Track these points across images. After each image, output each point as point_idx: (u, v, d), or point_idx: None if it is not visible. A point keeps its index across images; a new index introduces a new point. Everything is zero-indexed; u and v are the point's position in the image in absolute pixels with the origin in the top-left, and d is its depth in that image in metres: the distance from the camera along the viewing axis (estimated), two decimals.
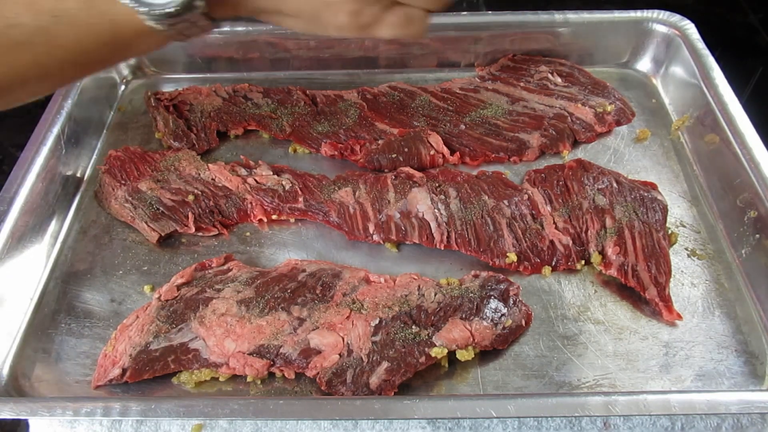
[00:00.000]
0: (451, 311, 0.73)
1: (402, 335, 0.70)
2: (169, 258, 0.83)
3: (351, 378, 0.68)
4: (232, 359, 0.69)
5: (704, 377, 0.70)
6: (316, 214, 0.86)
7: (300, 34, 1.04)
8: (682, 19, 1.04)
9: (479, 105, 1.01)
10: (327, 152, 0.94)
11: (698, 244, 0.84)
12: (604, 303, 0.77)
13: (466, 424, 0.68)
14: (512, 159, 0.95)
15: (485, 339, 0.71)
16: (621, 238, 0.80)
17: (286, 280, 0.76)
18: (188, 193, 0.87)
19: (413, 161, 0.92)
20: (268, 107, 1.01)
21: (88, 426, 0.68)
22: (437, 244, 0.81)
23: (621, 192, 0.85)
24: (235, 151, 0.97)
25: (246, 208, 0.87)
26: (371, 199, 0.85)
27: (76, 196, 0.91)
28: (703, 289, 0.79)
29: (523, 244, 0.81)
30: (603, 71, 1.08)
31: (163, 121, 0.98)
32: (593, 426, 0.68)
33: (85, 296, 0.79)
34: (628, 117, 1.00)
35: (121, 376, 0.69)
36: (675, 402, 0.62)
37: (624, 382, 0.70)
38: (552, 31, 1.07)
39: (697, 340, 0.74)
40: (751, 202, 0.82)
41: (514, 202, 0.85)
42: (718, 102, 0.92)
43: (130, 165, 0.91)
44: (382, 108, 1.01)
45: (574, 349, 0.73)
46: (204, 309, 0.74)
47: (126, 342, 0.71)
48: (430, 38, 1.08)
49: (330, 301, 0.74)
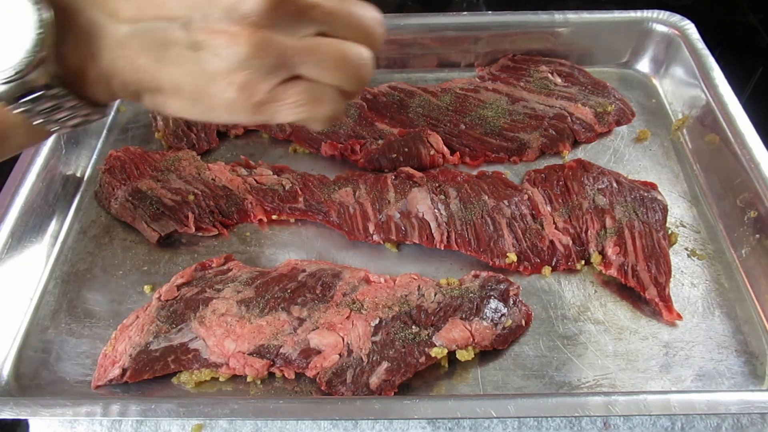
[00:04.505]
0: (451, 311, 0.73)
1: (402, 335, 0.70)
2: (169, 258, 0.83)
3: (351, 378, 0.68)
4: (232, 359, 0.69)
5: (704, 377, 0.70)
6: (316, 214, 0.86)
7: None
8: (682, 19, 1.04)
9: (479, 105, 1.01)
10: (327, 152, 0.94)
11: (698, 244, 0.84)
12: (604, 303, 0.77)
13: (466, 424, 0.68)
14: (512, 159, 0.95)
15: (485, 339, 0.71)
16: (621, 238, 0.80)
17: (286, 280, 0.76)
18: (188, 193, 0.87)
19: (413, 161, 0.92)
20: None
21: (88, 426, 0.68)
22: (437, 244, 0.81)
23: (621, 192, 0.85)
24: (235, 151, 0.97)
25: (246, 208, 0.87)
26: (371, 199, 0.85)
27: (76, 196, 0.91)
28: (703, 289, 0.79)
29: (523, 244, 0.81)
30: (603, 71, 1.08)
31: (163, 121, 0.98)
32: (593, 426, 0.68)
33: (85, 296, 0.79)
34: (628, 117, 1.00)
35: (121, 376, 0.69)
36: (675, 402, 0.62)
37: (624, 382, 0.70)
38: (552, 31, 1.07)
39: (697, 340, 0.74)
40: (751, 202, 0.82)
41: (514, 202, 0.85)
42: (718, 102, 0.92)
43: (130, 165, 0.91)
44: (382, 108, 1.01)
45: (574, 349, 0.73)
46: (204, 309, 0.74)
47: (126, 342, 0.71)
48: (430, 38, 1.08)
49: (330, 301, 0.74)
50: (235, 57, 0.44)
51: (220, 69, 0.45)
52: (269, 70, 0.45)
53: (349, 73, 0.48)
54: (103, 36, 0.45)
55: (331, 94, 0.48)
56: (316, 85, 0.47)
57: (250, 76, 0.45)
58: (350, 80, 0.48)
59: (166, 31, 0.44)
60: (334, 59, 0.47)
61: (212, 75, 0.45)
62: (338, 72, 0.47)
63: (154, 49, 0.45)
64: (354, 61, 0.48)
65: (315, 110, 0.48)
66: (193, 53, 0.45)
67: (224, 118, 0.49)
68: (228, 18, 0.43)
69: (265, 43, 0.44)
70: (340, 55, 0.47)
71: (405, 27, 1.06)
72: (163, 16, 0.44)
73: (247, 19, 0.43)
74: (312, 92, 0.47)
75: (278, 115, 0.48)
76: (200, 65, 0.45)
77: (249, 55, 0.44)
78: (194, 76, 0.46)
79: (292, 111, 0.47)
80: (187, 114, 0.49)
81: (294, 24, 0.45)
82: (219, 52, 0.44)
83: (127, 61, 0.46)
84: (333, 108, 0.49)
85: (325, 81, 0.47)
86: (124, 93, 0.48)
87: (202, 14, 0.44)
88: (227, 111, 0.47)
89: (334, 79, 0.48)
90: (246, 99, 0.46)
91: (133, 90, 0.48)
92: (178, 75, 0.46)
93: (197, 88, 0.46)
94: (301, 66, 0.46)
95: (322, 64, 0.47)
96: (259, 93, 0.46)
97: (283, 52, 0.45)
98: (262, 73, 0.45)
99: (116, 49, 0.45)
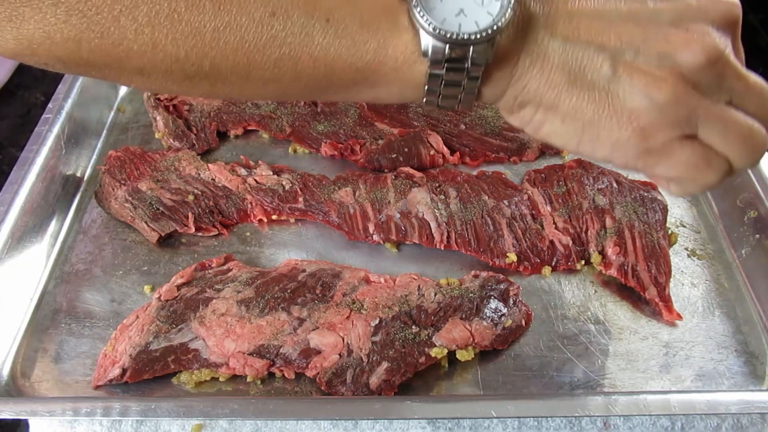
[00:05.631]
0: (451, 311, 0.73)
1: (402, 335, 0.70)
2: (169, 258, 0.83)
3: (351, 378, 0.68)
4: (232, 359, 0.69)
5: (704, 377, 0.70)
6: (316, 214, 0.86)
7: None
8: None
9: (479, 105, 1.01)
10: (327, 152, 0.94)
11: (698, 244, 0.84)
12: (604, 303, 0.77)
13: (466, 424, 0.68)
14: (512, 159, 0.95)
15: (485, 339, 0.71)
16: (621, 238, 0.80)
17: (286, 280, 0.76)
18: (188, 193, 0.87)
19: (413, 161, 0.92)
20: (268, 107, 1.01)
21: (88, 426, 0.68)
22: (437, 244, 0.81)
23: (621, 192, 0.85)
24: (235, 151, 0.97)
25: (246, 208, 0.87)
26: (371, 199, 0.85)
27: (76, 196, 0.91)
28: (703, 289, 0.79)
29: (523, 244, 0.81)
30: None
31: (163, 121, 0.98)
32: (593, 426, 0.68)
33: (85, 296, 0.79)
34: None
35: (121, 376, 0.69)
36: (675, 402, 0.62)
37: (624, 382, 0.70)
38: None
39: (697, 340, 0.74)
40: (751, 202, 0.82)
41: (514, 202, 0.85)
42: None
43: (130, 165, 0.91)
44: (382, 108, 1.01)
45: (574, 349, 0.73)
46: (204, 309, 0.74)
47: (126, 342, 0.71)
48: None
49: (330, 301, 0.74)
50: (651, 100, 0.44)
51: (629, 106, 0.44)
52: (675, 122, 0.44)
53: (747, 150, 0.46)
54: (534, 41, 0.45)
55: (720, 164, 0.47)
56: (711, 151, 0.46)
57: (656, 122, 0.44)
58: (744, 157, 0.46)
59: (592, 57, 0.45)
60: (740, 131, 0.46)
61: (618, 110, 0.45)
62: (738, 145, 0.46)
63: (573, 70, 0.45)
64: (756, 139, 0.46)
65: (700, 175, 0.47)
66: (608, 84, 0.45)
67: (601, 154, 0.48)
68: (660, 62, 0.44)
69: (685, 95, 0.44)
70: (747, 129, 0.46)
71: None
72: (596, 42, 0.45)
73: (678, 69, 0.43)
74: (706, 156, 0.46)
75: (659, 167, 0.47)
76: (610, 97, 0.45)
77: (665, 102, 0.44)
78: (598, 105, 0.45)
79: (679, 168, 0.46)
80: (561, 139, 0.49)
81: (715, 86, 0.45)
82: (636, 90, 0.44)
83: (542, 71, 0.46)
84: (716, 179, 0.47)
85: (721, 150, 0.46)
86: (510, 99, 0.48)
87: (635, 51, 0.44)
88: (612, 148, 0.47)
89: (730, 151, 0.46)
90: (639, 142, 0.45)
91: (523, 100, 0.48)
92: (583, 100, 0.46)
93: (594, 118, 0.46)
94: (705, 128, 0.45)
95: (727, 133, 0.45)
96: (656, 141, 0.45)
97: (695, 109, 0.44)
98: (668, 122, 0.44)
99: (540, 57, 0.46)
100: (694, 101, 0.44)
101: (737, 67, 0.45)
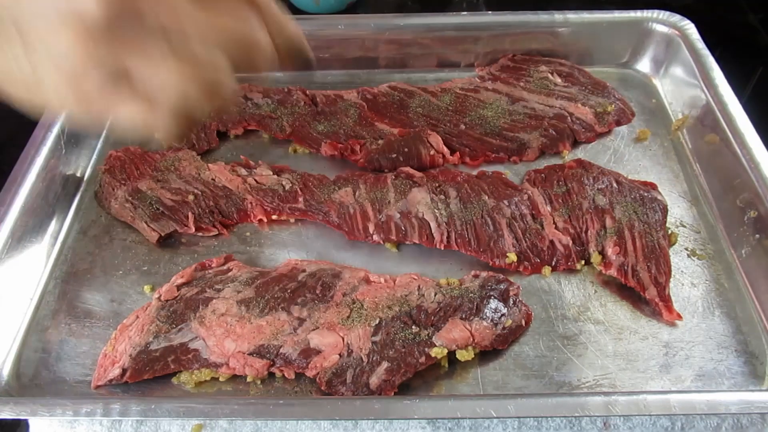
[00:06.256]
0: (451, 311, 0.73)
1: (402, 335, 0.70)
2: (169, 258, 0.83)
3: (351, 378, 0.68)
4: (232, 359, 0.69)
5: (704, 377, 0.70)
6: (316, 214, 0.86)
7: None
8: (682, 19, 1.04)
9: (479, 105, 1.01)
10: (327, 152, 0.94)
11: (698, 244, 0.84)
12: (604, 303, 0.77)
13: (466, 424, 0.68)
14: (512, 159, 0.95)
15: (485, 339, 0.71)
16: (621, 238, 0.80)
17: (286, 280, 0.76)
18: (188, 193, 0.87)
19: (413, 161, 0.92)
20: (268, 107, 1.01)
21: (88, 426, 0.68)
22: (437, 244, 0.81)
23: (621, 192, 0.85)
24: (235, 151, 0.97)
25: (246, 208, 0.87)
26: (371, 199, 0.85)
27: (76, 196, 0.91)
28: (703, 289, 0.79)
29: (523, 244, 0.81)
30: (603, 71, 1.08)
31: None
32: (593, 426, 0.68)
33: (85, 296, 0.79)
34: (628, 117, 1.00)
35: (121, 376, 0.69)
36: (675, 402, 0.62)
37: (624, 382, 0.70)
38: (552, 31, 1.07)
39: (697, 340, 0.74)
40: (751, 202, 0.82)
41: (514, 202, 0.85)
42: (717, 102, 0.92)
43: (130, 165, 0.91)
44: (382, 108, 1.01)
45: (574, 349, 0.73)
46: (204, 309, 0.74)
47: (126, 342, 0.71)
48: (430, 38, 1.08)
49: (330, 301, 0.74)
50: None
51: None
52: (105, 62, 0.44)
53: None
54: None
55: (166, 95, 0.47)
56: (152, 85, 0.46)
57: (84, 61, 0.44)
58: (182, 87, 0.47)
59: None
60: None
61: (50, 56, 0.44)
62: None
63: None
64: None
65: (148, 112, 0.47)
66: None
67: (53, 106, 0.48)
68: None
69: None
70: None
71: (405, 27, 1.06)
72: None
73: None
74: (146, 93, 0.46)
75: (115, 110, 0.47)
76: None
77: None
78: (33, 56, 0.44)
79: (130, 108, 0.47)
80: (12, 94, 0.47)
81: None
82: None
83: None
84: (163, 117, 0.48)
85: (152, 82, 0.46)
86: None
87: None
88: (56, 98, 0.46)
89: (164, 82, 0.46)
90: (73, 87, 0.45)
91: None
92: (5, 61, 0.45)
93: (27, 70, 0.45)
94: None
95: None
96: (89, 84, 0.45)
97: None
98: (96, 60, 0.44)
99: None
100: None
101: None
